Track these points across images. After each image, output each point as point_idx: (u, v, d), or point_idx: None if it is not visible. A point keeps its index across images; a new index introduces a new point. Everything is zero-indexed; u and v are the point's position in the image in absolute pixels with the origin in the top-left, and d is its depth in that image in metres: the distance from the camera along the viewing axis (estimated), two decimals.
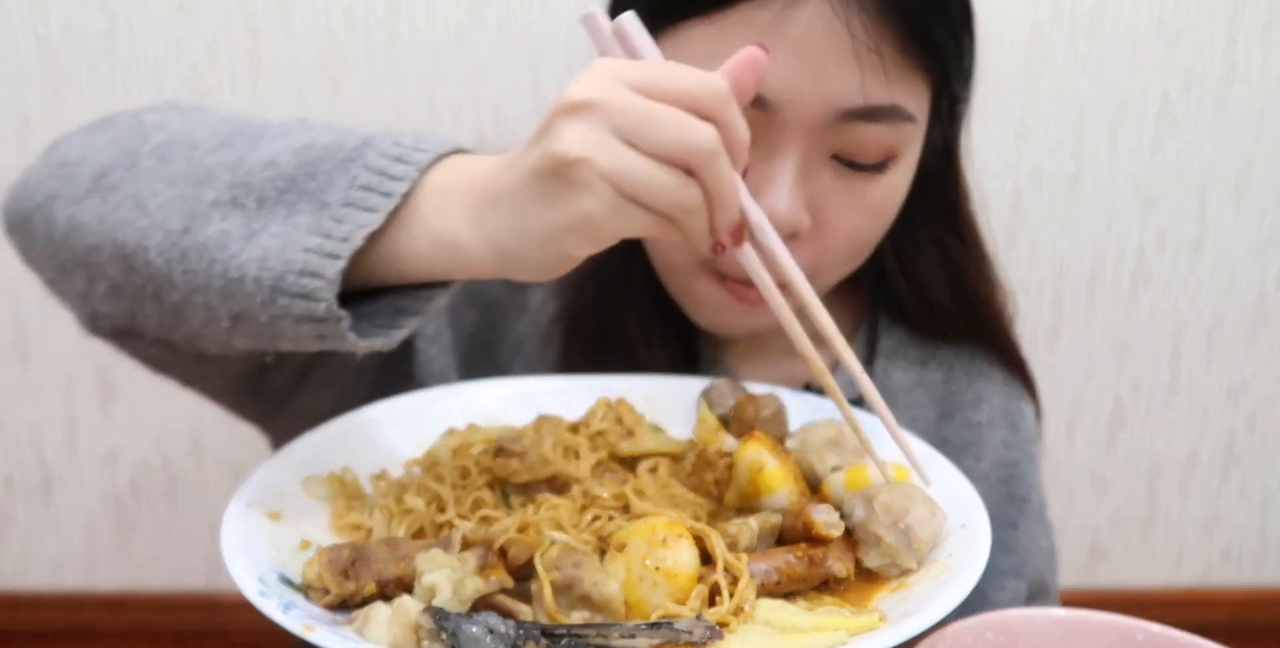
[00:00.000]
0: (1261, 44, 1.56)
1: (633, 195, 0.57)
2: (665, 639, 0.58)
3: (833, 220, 0.81)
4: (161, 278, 0.66)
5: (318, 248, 0.62)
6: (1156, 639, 0.62)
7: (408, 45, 1.49)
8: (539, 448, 0.77)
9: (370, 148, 0.65)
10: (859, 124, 0.77)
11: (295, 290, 0.62)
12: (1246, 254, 1.67)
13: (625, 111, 0.56)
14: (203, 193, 0.66)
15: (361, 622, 0.60)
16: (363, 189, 0.63)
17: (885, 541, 0.67)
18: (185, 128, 0.71)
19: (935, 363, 0.98)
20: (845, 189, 0.80)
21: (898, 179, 0.83)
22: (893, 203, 0.85)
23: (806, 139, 0.77)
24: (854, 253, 0.85)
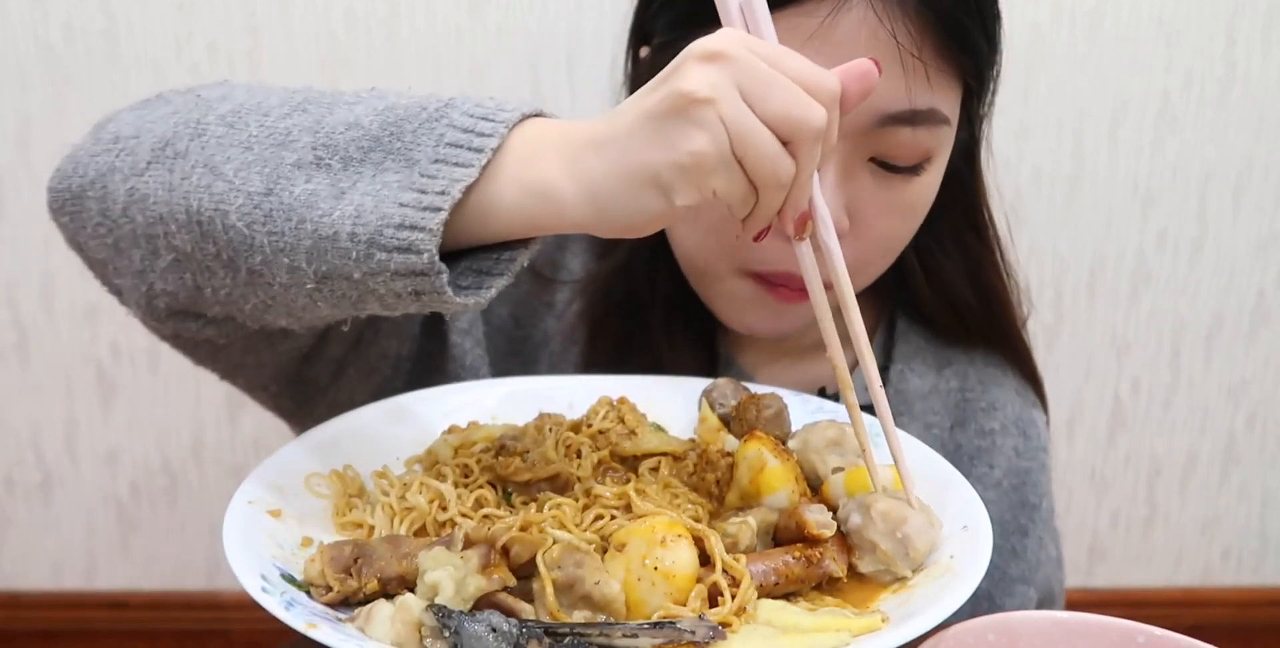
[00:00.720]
0: (1261, 44, 1.56)
1: (741, 151, 0.58)
2: (668, 639, 0.58)
3: (870, 221, 0.82)
4: (242, 241, 0.65)
5: (414, 202, 0.61)
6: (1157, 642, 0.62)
7: (408, 45, 1.49)
8: (541, 447, 0.77)
9: (454, 108, 0.65)
10: (898, 128, 0.78)
11: (394, 244, 0.61)
12: (1246, 254, 1.67)
13: (753, 71, 0.58)
14: (284, 155, 0.65)
15: (364, 619, 0.60)
16: (450, 146, 0.63)
17: (881, 548, 0.67)
18: (251, 98, 0.72)
19: (951, 370, 0.99)
20: (882, 190, 0.81)
21: (931, 180, 0.84)
22: (925, 203, 0.85)
23: (848, 143, 0.78)
24: (888, 252, 0.86)
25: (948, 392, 0.98)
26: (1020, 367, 1.02)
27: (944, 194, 0.90)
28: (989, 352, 1.01)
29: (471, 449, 0.79)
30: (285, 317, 0.70)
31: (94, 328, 1.62)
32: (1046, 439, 1.02)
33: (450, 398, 0.87)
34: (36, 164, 1.54)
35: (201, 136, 0.68)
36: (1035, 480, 0.99)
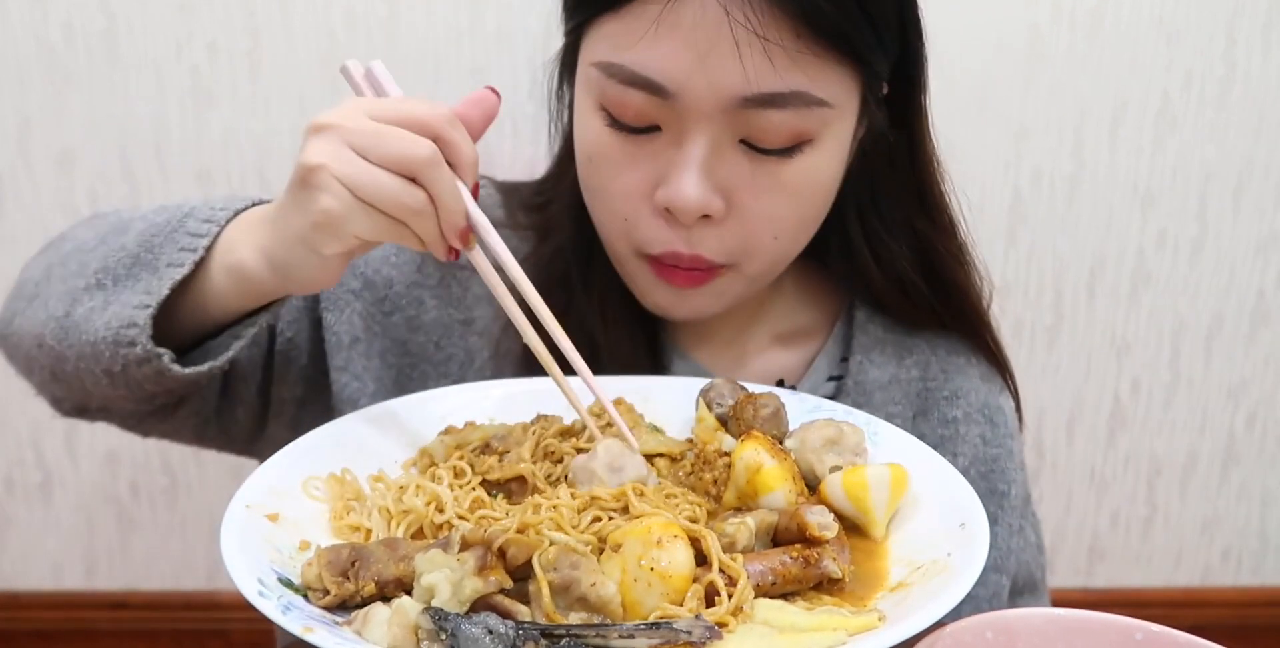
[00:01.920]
0: (1261, 44, 1.56)
1: (365, 197, 0.68)
2: (664, 639, 0.58)
3: (748, 203, 0.82)
4: (58, 355, 0.81)
5: (140, 303, 0.76)
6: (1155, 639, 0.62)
7: (408, 45, 1.49)
8: (520, 448, 0.78)
9: (191, 217, 0.80)
10: (761, 110, 0.78)
11: (124, 341, 0.76)
12: (1246, 254, 1.67)
13: (358, 129, 0.69)
14: (79, 283, 0.81)
15: (360, 623, 0.60)
16: (181, 251, 0.78)
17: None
18: (83, 235, 0.87)
19: (912, 359, 0.99)
20: (758, 172, 0.81)
21: (816, 162, 0.83)
22: (813, 185, 0.84)
23: (710, 125, 0.79)
24: (781, 234, 0.85)
25: (909, 381, 0.98)
26: (984, 351, 1.02)
27: (887, 180, 0.92)
28: (952, 340, 1.01)
29: (465, 450, 0.79)
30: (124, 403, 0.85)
31: None
32: (1015, 425, 1.02)
33: (449, 400, 0.87)
34: (36, 164, 1.54)
35: (49, 279, 0.85)
36: (1003, 468, 0.98)
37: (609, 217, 0.86)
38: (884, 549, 0.73)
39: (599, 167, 0.84)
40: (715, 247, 0.83)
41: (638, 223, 0.84)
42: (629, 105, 0.79)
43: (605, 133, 0.82)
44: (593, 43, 0.82)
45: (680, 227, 0.82)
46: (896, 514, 0.74)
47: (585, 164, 0.86)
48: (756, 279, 0.89)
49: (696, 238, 0.83)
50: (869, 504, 0.73)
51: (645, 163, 0.82)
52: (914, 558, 0.70)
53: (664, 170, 0.81)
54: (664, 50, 0.76)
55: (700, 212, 0.81)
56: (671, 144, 0.81)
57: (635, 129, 0.81)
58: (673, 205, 0.80)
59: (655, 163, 0.81)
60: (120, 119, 1.51)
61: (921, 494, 0.75)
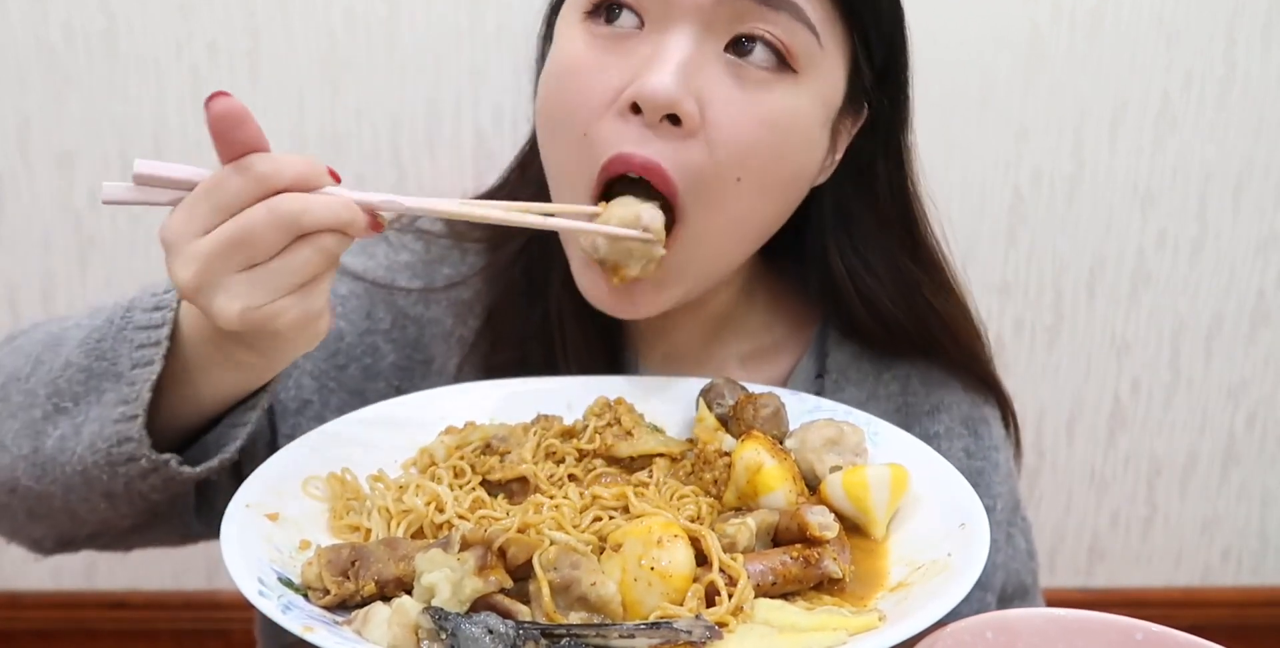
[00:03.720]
0: (1261, 44, 1.56)
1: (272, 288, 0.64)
2: (665, 639, 0.58)
3: (722, 120, 0.75)
4: (41, 494, 0.76)
5: (122, 415, 0.71)
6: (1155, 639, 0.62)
7: (408, 45, 1.49)
8: (521, 449, 0.78)
9: (134, 310, 0.74)
10: (753, 8, 0.74)
11: (121, 458, 0.71)
12: (1246, 254, 1.67)
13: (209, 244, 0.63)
14: (33, 414, 0.75)
15: (360, 622, 0.60)
16: (140, 348, 0.72)
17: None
18: (12, 362, 0.80)
19: (890, 374, 0.96)
20: (737, 88, 0.76)
21: (799, 102, 0.78)
22: (792, 126, 0.78)
23: (697, 20, 0.75)
24: (746, 172, 0.77)
25: (888, 397, 0.95)
26: (968, 369, 0.98)
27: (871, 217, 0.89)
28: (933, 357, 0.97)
29: (465, 450, 0.79)
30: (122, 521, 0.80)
31: None
32: (1001, 436, 0.99)
33: (449, 400, 0.87)
34: (36, 164, 1.54)
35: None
36: (988, 481, 0.95)
37: (568, 142, 0.78)
38: (884, 549, 0.73)
39: (571, 78, 0.77)
40: (676, 157, 0.75)
41: (596, 133, 0.76)
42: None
43: (584, 39, 0.77)
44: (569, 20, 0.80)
45: (644, 128, 0.74)
46: (897, 514, 0.74)
47: (554, 83, 0.79)
48: (709, 252, 0.82)
49: (656, 143, 0.75)
50: (869, 504, 0.73)
51: (620, 64, 0.76)
52: (914, 558, 0.70)
53: (639, 68, 0.74)
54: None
55: (670, 106, 0.73)
56: (653, 40, 0.75)
57: (616, 23, 0.76)
58: (640, 95, 0.73)
59: (630, 62, 0.76)
60: (120, 119, 1.51)
61: (922, 494, 0.75)
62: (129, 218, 1.57)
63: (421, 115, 1.52)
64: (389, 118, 1.52)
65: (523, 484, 0.76)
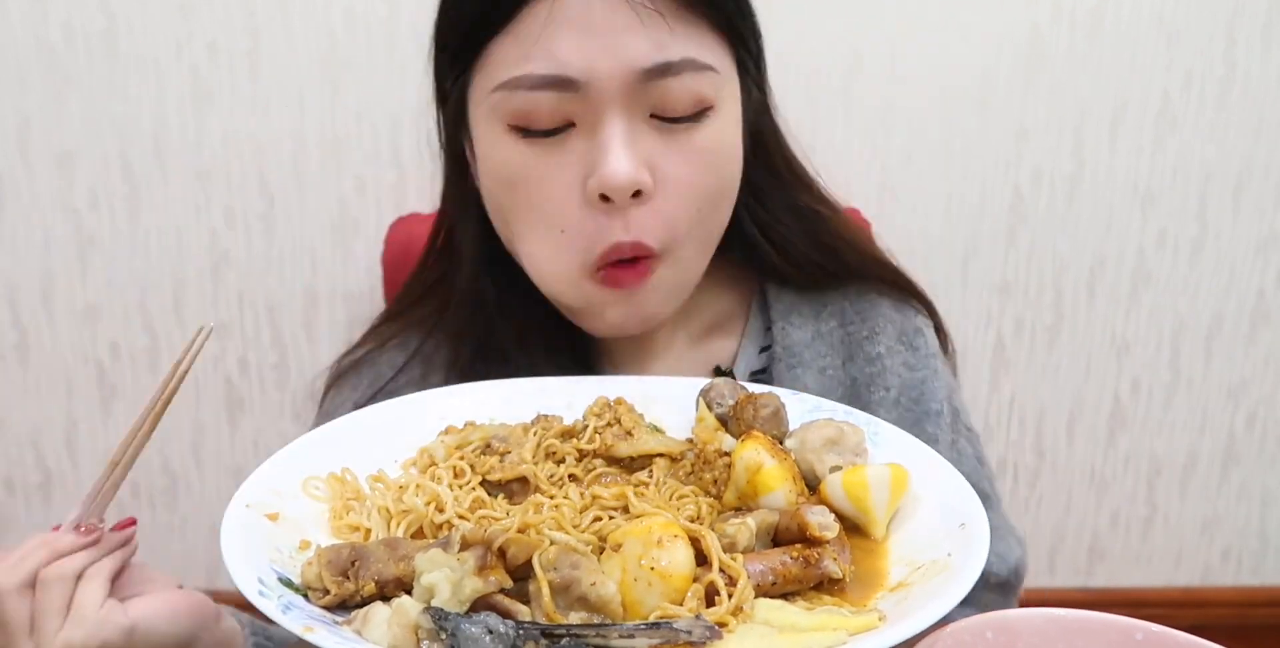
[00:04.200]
0: (1261, 44, 1.56)
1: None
2: (664, 639, 0.57)
3: (670, 175, 0.85)
4: None
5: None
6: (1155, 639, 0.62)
7: (408, 45, 1.49)
8: (521, 449, 0.78)
9: None
10: (662, 81, 0.82)
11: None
12: (1246, 254, 1.67)
13: None
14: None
15: (360, 622, 0.60)
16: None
17: None
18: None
19: (827, 312, 1.02)
20: (672, 144, 0.85)
21: (721, 127, 0.87)
22: (724, 151, 0.88)
23: (622, 104, 0.82)
24: (702, 205, 0.88)
25: (830, 332, 1.01)
26: (893, 286, 1.05)
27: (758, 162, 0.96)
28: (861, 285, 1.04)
29: (465, 450, 0.79)
30: None
31: (94, 328, 1.63)
32: (935, 344, 1.04)
33: (449, 400, 0.87)
34: (36, 164, 1.54)
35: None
36: (932, 388, 1.00)
37: (546, 238, 0.87)
38: (884, 549, 0.72)
39: (524, 185, 0.86)
40: (651, 227, 0.85)
41: (576, 227, 0.85)
42: (540, 109, 0.83)
43: (519, 149, 0.85)
44: (485, 75, 0.85)
45: (617, 213, 0.84)
46: (897, 514, 0.74)
47: (506, 191, 0.87)
48: (689, 267, 0.91)
49: (633, 223, 0.85)
50: (869, 504, 0.73)
51: (567, 163, 0.84)
52: (914, 558, 0.70)
53: (588, 162, 0.83)
54: (564, 45, 0.80)
55: (634, 186, 0.83)
56: (588, 135, 0.83)
57: (549, 132, 0.84)
58: (606, 185, 0.82)
59: (576, 159, 0.84)
60: (120, 119, 1.52)
61: (922, 494, 0.75)
62: (129, 218, 1.57)
63: (421, 115, 1.52)
64: (389, 118, 1.52)
65: (523, 484, 0.76)
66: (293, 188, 1.55)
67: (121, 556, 0.77)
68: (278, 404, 1.67)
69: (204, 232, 1.58)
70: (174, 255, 1.59)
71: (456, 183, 0.97)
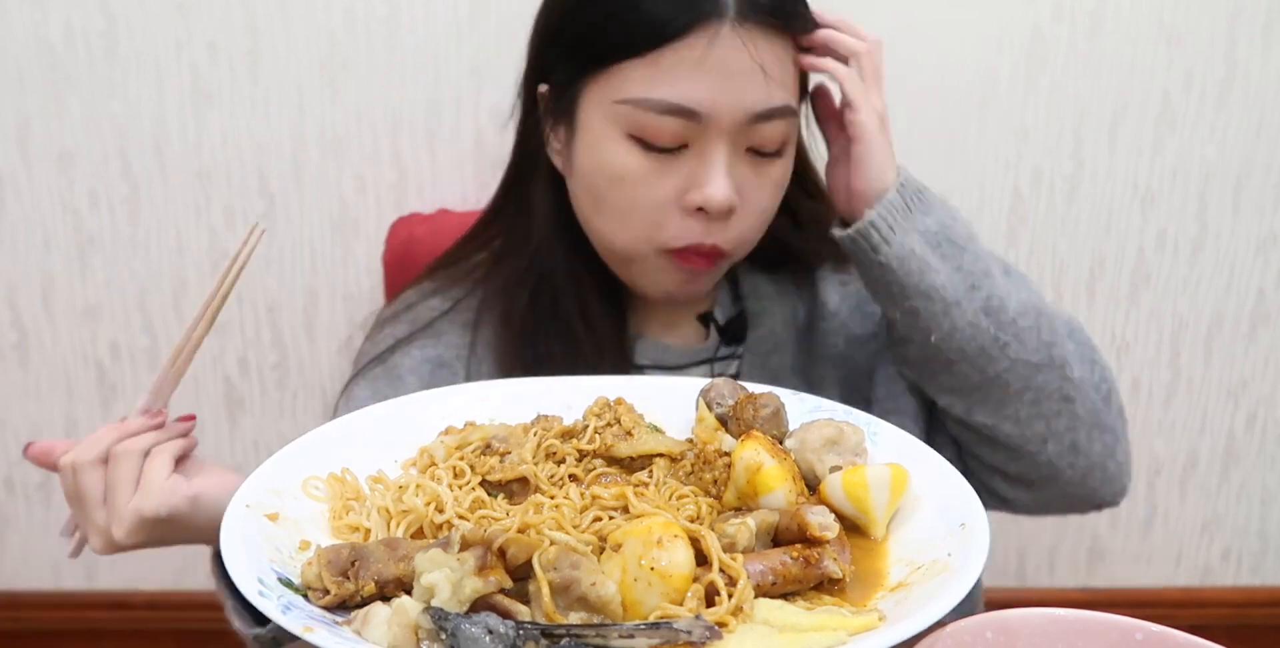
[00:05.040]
0: (1261, 44, 1.56)
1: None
2: (664, 639, 0.58)
3: (751, 199, 1.01)
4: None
5: None
6: (1155, 639, 0.62)
7: (408, 45, 1.49)
8: (521, 449, 0.78)
9: None
10: (764, 124, 0.98)
11: None
12: (1246, 254, 1.67)
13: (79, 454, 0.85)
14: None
15: (360, 622, 0.60)
16: None
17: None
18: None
19: (787, 298, 1.17)
20: (758, 174, 1.01)
21: (788, 160, 1.04)
22: (786, 177, 1.05)
23: (730, 137, 0.98)
24: (764, 222, 1.05)
25: (794, 311, 1.17)
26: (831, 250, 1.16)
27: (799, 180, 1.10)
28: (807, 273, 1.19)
29: (465, 450, 0.80)
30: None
31: (94, 328, 1.62)
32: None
33: (449, 400, 0.87)
34: (36, 164, 1.54)
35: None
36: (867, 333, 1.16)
37: (636, 225, 1.01)
38: (884, 549, 0.73)
39: (631, 185, 0.99)
40: (727, 237, 1.01)
41: (667, 224, 1.00)
42: (664, 130, 0.96)
43: (637, 156, 0.98)
44: (611, 85, 0.98)
45: (707, 222, 0.99)
46: (896, 514, 0.74)
47: (613, 186, 1.00)
48: (738, 259, 1.07)
49: (716, 230, 1.00)
50: (869, 504, 0.73)
51: (673, 175, 0.99)
52: (914, 558, 0.70)
53: (692, 179, 0.98)
54: (699, 80, 0.95)
55: (730, 206, 0.98)
56: (697, 157, 0.98)
57: (666, 149, 0.98)
58: (708, 204, 0.97)
59: (682, 173, 0.98)
60: (120, 119, 1.52)
61: (921, 494, 0.75)
62: (129, 218, 1.57)
63: (421, 115, 1.52)
64: (389, 118, 1.52)
65: (523, 484, 0.76)
66: (293, 188, 1.55)
67: (184, 443, 0.88)
68: (277, 404, 1.67)
69: (204, 231, 1.57)
70: (174, 255, 1.59)
71: (532, 156, 1.10)
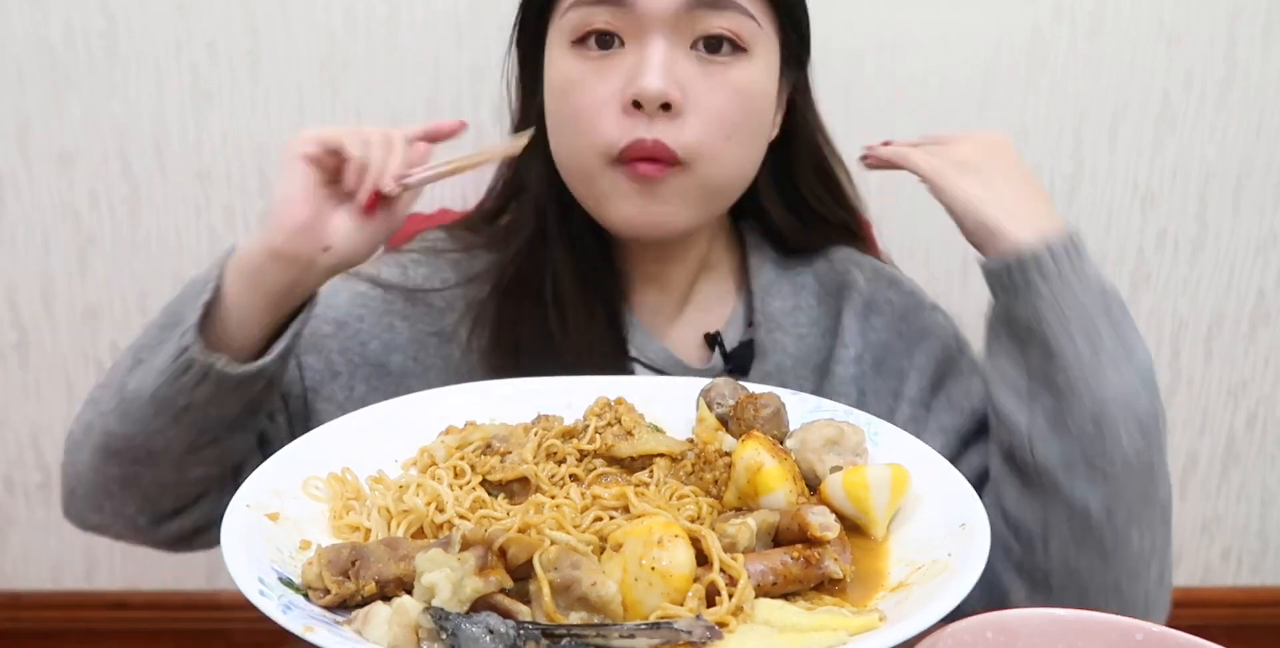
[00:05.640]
0: (1261, 44, 1.56)
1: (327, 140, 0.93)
2: (665, 639, 0.57)
3: (703, 99, 0.94)
4: (125, 439, 0.89)
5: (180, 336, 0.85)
6: (1155, 639, 0.62)
7: (408, 45, 1.49)
8: (522, 449, 0.78)
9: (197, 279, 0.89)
10: (705, 12, 0.93)
11: (180, 369, 0.85)
12: (1246, 254, 1.67)
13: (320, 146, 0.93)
14: (121, 372, 0.90)
15: (361, 622, 0.60)
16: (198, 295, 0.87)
17: None
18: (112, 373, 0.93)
19: (805, 290, 1.10)
20: (707, 73, 0.95)
21: (754, 72, 0.97)
22: (754, 91, 0.98)
23: (665, 28, 0.93)
24: (730, 133, 0.96)
25: (809, 307, 1.09)
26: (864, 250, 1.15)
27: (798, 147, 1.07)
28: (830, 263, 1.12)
29: (466, 450, 0.79)
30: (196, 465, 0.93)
31: (94, 328, 1.63)
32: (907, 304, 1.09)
33: (449, 400, 0.87)
34: (36, 164, 1.54)
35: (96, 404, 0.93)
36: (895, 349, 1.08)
37: (582, 133, 0.96)
38: (884, 549, 0.72)
39: (572, 91, 0.96)
40: (674, 136, 0.94)
41: (606, 124, 0.95)
42: (594, 22, 0.94)
43: (574, 63, 0.96)
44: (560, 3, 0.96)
45: (643, 118, 0.93)
46: (897, 514, 0.74)
47: (560, 97, 0.98)
48: (713, 186, 0.99)
49: (657, 127, 0.94)
50: (869, 505, 0.73)
51: (611, 74, 0.95)
52: (914, 558, 0.70)
53: (629, 75, 0.94)
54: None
55: (663, 98, 0.92)
56: (634, 52, 0.94)
57: (602, 46, 0.95)
58: (640, 94, 0.92)
59: (620, 71, 0.94)
60: (120, 119, 1.52)
61: (922, 494, 0.75)
62: (129, 218, 1.57)
63: (421, 115, 1.53)
64: (389, 118, 1.52)
65: (523, 484, 0.76)
66: None
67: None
68: None
69: (204, 231, 1.58)
70: (174, 255, 1.59)
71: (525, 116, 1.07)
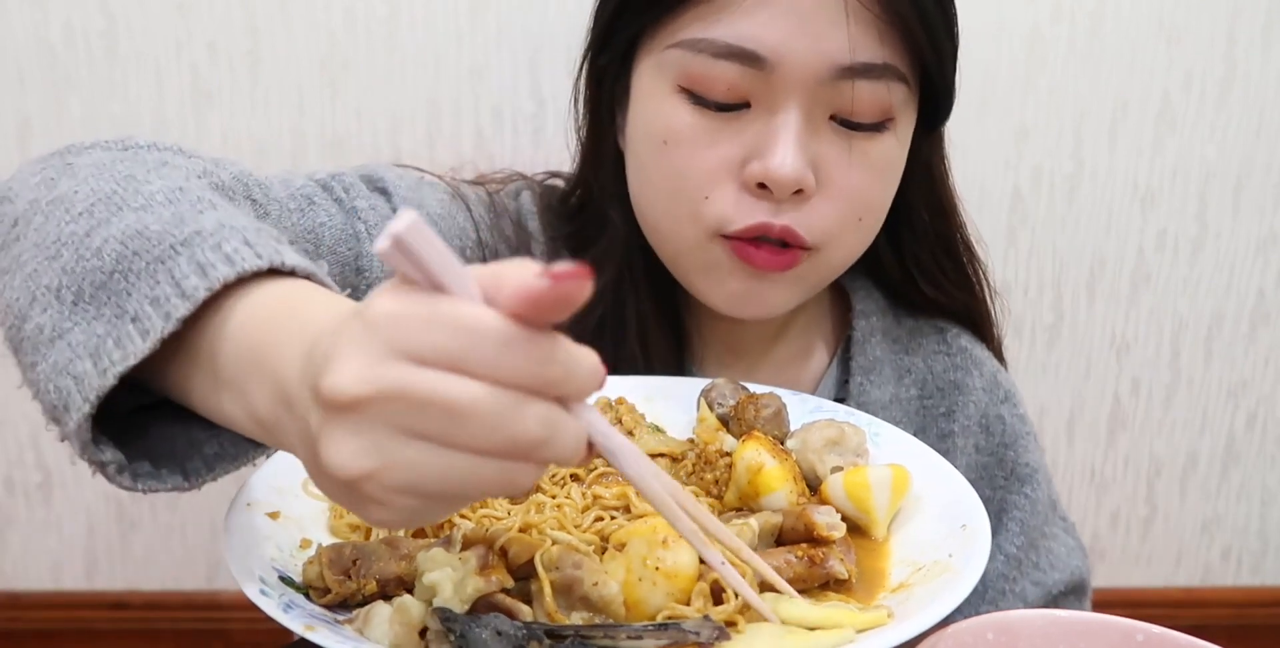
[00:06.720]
0: (1261, 44, 1.56)
1: (443, 495, 0.45)
2: (673, 640, 0.57)
3: (837, 180, 0.81)
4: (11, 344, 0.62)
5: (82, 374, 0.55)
6: (1156, 640, 0.62)
7: (408, 45, 1.49)
8: None
9: (194, 243, 0.54)
10: (854, 81, 0.78)
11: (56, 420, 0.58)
12: (1246, 254, 1.67)
13: (411, 407, 0.42)
14: (42, 275, 0.58)
15: (362, 621, 0.60)
16: (152, 303, 0.53)
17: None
18: (79, 180, 0.63)
19: (909, 378, 1.00)
20: (846, 149, 0.81)
21: (895, 143, 0.84)
22: (893, 167, 0.85)
23: (805, 97, 0.78)
24: (866, 213, 0.85)
25: (908, 400, 0.99)
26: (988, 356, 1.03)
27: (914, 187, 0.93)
28: (949, 356, 1.01)
29: None
30: None
31: None
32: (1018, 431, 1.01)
33: None
34: None
35: (28, 223, 0.61)
36: (991, 475, 1.00)
37: (685, 199, 0.82)
38: (885, 550, 0.72)
39: (677, 148, 0.81)
40: (804, 222, 0.81)
41: (720, 200, 0.80)
42: (719, 79, 0.78)
43: (687, 113, 0.80)
44: (666, 29, 0.81)
45: (770, 201, 0.80)
46: (898, 515, 0.74)
47: (658, 150, 0.82)
48: (833, 270, 0.88)
49: (785, 213, 0.81)
50: (870, 505, 0.73)
51: (731, 140, 0.80)
52: (915, 559, 0.70)
53: (753, 145, 0.79)
54: (763, 18, 0.75)
55: (797, 184, 0.79)
56: (762, 119, 0.79)
57: (722, 106, 0.79)
58: (769, 178, 0.78)
59: (742, 139, 0.80)
60: (120, 119, 1.51)
61: (923, 495, 0.75)
62: None
63: (421, 115, 1.52)
64: (389, 118, 1.52)
65: None
66: None
67: None
68: None
69: None
70: None
71: (595, 146, 0.91)
